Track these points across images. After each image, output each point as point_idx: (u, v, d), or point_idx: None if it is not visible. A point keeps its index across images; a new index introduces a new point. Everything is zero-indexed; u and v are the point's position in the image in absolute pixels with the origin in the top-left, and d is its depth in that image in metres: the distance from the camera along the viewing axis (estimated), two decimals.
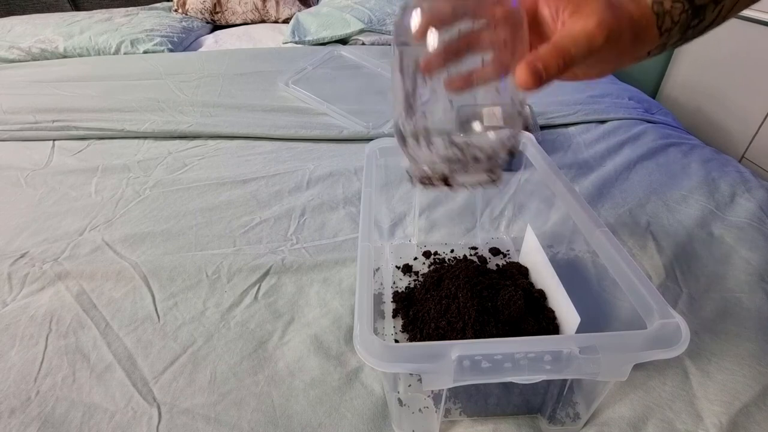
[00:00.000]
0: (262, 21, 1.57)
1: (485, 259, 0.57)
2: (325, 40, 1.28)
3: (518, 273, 0.51)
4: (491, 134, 0.31)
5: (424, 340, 0.43)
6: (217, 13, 1.54)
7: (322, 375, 0.44)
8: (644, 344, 0.30)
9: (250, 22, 1.56)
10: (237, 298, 0.52)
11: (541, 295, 0.47)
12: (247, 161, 0.78)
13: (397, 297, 0.50)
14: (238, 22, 1.56)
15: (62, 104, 0.92)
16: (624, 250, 0.37)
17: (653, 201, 0.66)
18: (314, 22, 1.33)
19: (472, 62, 0.31)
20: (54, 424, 0.40)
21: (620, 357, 0.30)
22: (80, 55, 1.25)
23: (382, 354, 0.30)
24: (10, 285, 0.54)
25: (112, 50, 1.25)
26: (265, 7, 1.53)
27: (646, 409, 0.40)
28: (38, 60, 1.23)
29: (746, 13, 1.28)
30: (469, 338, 0.40)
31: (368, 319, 0.32)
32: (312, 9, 1.46)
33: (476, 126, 0.31)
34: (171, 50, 1.27)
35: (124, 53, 1.25)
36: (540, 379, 0.31)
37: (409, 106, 0.32)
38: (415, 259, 0.58)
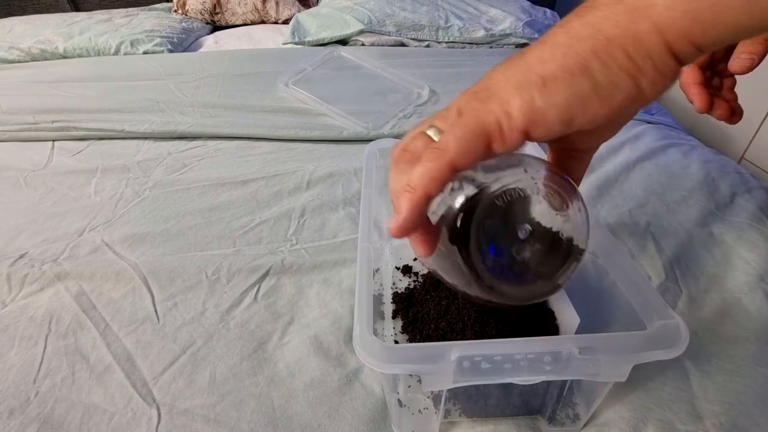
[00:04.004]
0: (262, 22, 1.57)
1: None
2: (325, 41, 1.28)
3: None
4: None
5: (423, 341, 0.43)
6: (216, 13, 1.54)
7: (321, 376, 0.44)
8: (644, 345, 0.30)
9: (250, 22, 1.56)
10: (237, 298, 0.52)
11: None
12: (247, 162, 0.78)
13: (396, 298, 0.50)
14: (238, 22, 1.56)
15: (62, 105, 0.92)
16: (623, 251, 0.37)
17: (653, 201, 0.66)
18: (314, 23, 1.33)
19: None
20: (53, 425, 0.40)
21: (620, 358, 0.30)
22: (80, 56, 1.24)
23: (381, 355, 0.30)
24: (9, 286, 0.54)
25: (112, 51, 1.24)
26: (265, 7, 1.53)
27: (646, 410, 0.40)
28: (38, 60, 1.23)
29: None
30: (469, 339, 0.40)
31: (368, 320, 0.32)
32: (312, 10, 1.46)
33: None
34: (171, 51, 1.27)
35: (124, 54, 1.25)
36: (539, 380, 0.31)
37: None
38: (415, 259, 0.57)
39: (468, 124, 0.22)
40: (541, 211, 0.27)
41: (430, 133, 0.24)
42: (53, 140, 0.85)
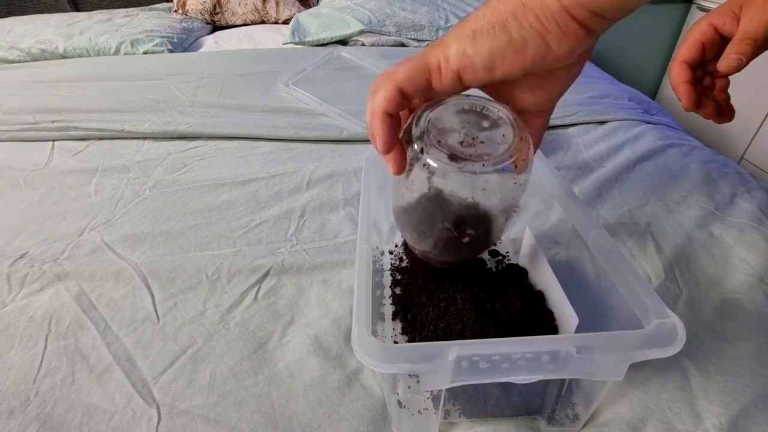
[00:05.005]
0: (262, 22, 1.57)
1: (484, 261, 0.57)
2: (325, 41, 1.28)
3: (517, 274, 0.51)
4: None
5: (423, 342, 0.43)
6: (217, 13, 1.54)
7: (321, 376, 0.44)
8: (640, 344, 0.30)
9: (250, 23, 1.56)
10: (237, 298, 0.52)
11: (540, 297, 0.47)
12: (247, 162, 0.78)
13: (396, 299, 0.50)
14: (238, 23, 1.56)
15: (62, 105, 0.92)
16: (621, 251, 0.37)
17: (653, 202, 0.66)
18: (314, 23, 1.33)
19: None
20: (53, 425, 0.40)
21: (615, 356, 0.31)
22: (80, 56, 1.25)
23: (379, 355, 0.30)
24: (9, 285, 0.54)
25: (112, 51, 1.25)
26: (265, 8, 1.53)
27: (646, 410, 0.40)
28: (38, 60, 1.23)
29: None
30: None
31: (366, 321, 0.32)
32: (312, 10, 1.46)
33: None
34: (171, 51, 1.27)
35: (124, 54, 1.25)
36: (537, 379, 0.31)
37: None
38: (414, 258, 0.57)
39: (415, 60, 0.28)
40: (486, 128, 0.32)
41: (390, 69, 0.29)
42: (53, 140, 0.85)
